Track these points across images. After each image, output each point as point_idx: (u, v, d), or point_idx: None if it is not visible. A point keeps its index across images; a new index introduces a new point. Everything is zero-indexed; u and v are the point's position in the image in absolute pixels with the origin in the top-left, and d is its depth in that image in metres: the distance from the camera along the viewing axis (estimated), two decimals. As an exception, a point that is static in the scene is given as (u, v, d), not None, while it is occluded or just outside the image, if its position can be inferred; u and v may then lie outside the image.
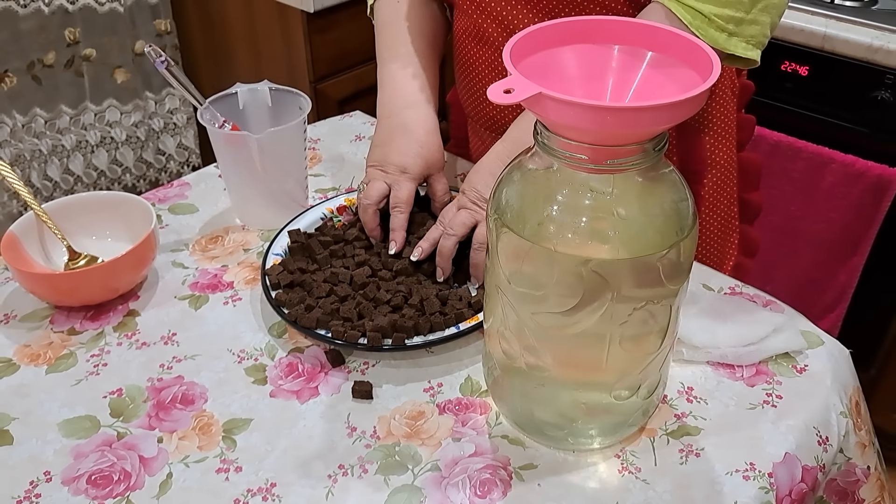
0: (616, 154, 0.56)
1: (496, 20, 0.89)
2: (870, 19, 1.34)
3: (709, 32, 0.76)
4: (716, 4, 0.75)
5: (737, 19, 0.76)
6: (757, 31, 0.77)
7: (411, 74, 0.93)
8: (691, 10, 0.75)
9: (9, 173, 0.87)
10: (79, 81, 1.72)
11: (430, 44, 0.97)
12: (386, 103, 0.93)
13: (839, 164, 1.33)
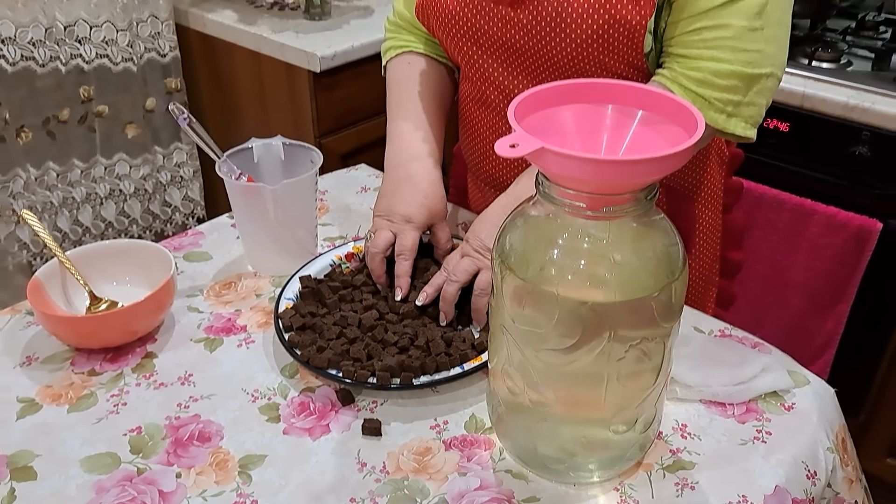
0: (611, 202, 0.62)
1: (498, 88, 0.95)
2: (845, 80, 1.42)
3: (709, 114, 0.83)
4: (715, 89, 0.82)
5: (735, 102, 0.83)
6: (754, 111, 0.85)
7: (418, 131, 0.99)
8: (692, 94, 0.82)
9: (35, 223, 0.92)
10: (91, 136, 1.78)
11: (438, 102, 1.03)
12: (393, 156, 0.99)
13: (822, 216, 1.39)
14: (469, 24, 0.92)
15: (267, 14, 1.81)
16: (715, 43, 0.81)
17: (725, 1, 0.80)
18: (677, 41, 0.84)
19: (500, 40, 0.90)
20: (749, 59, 0.81)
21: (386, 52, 1.08)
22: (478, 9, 0.90)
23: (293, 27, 1.73)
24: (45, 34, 1.62)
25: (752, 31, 0.81)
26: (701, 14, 0.81)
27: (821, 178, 1.45)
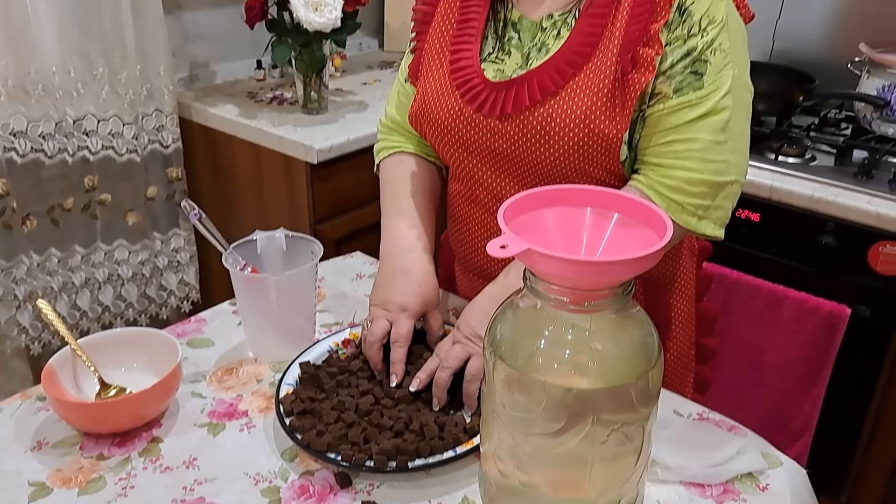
0: (592, 297, 0.68)
1: (487, 189, 1.03)
2: (809, 174, 1.52)
3: (682, 217, 0.92)
4: (687, 195, 0.91)
5: (705, 206, 0.92)
6: (721, 214, 0.94)
7: (411, 226, 1.06)
8: (667, 199, 0.91)
9: (49, 312, 0.97)
10: (93, 223, 1.84)
11: (428, 198, 1.11)
12: (389, 248, 1.06)
13: (794, 301, 1.46)
14: (460, 135, 1.00)
15: (267, 108, 1.91)
16: (685, 154, 0.90)
17: (694, 118, 0.89)
18: (651, 151, 0.93)
19: (489, 149, 0.98)
20: (716, 169, 0.90)
21: (379, 153, 1.16)
22: (468, 121, 0.98)
23: (292, 121, 1.83)
24: (55, 128, 1.71)
25: (717, 144, 0.90)
26: (672, 129, 0.90)
27: (791, 266, 1.53)
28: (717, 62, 0.89)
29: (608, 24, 0.90)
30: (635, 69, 0.88)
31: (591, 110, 0.89)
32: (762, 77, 1.88)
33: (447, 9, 1.03)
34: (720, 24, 0.88)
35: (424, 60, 1.04)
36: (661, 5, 0.88)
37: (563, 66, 0.91)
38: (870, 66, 1.66)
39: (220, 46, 2.11)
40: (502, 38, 0.98)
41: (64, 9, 1.65)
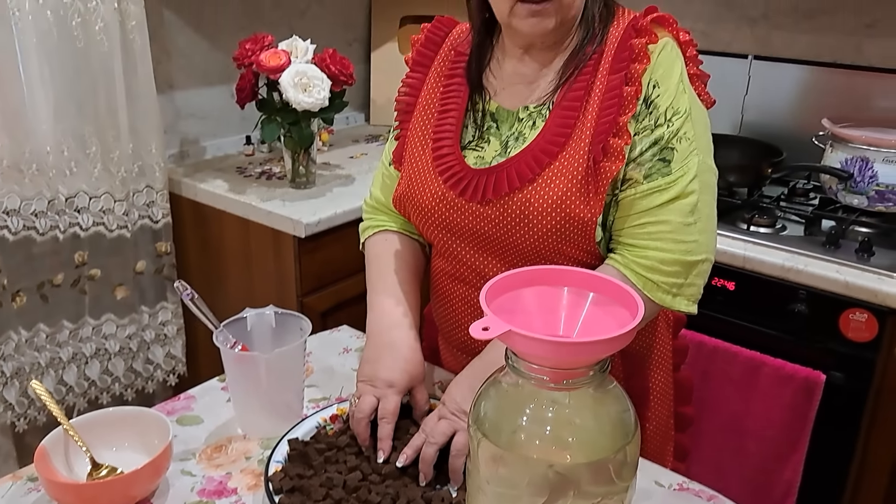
0: (571, 375, 0.72)
1: (470, 268, 1.08)
2: (780, 244, 1.58)
3: (657, 294, 0.97)
4: (661, 274, 0.96)
5: (678, 284, 0.97)
6: (694, 290, 0.99)
7: (397, 303, 1.10)
8: (643, 278, 0.96)
9: (44, 394, 0.99)
10: (81, 298, 1.86)
11: (413, 274, 1.15)
12: (375, 324, 1.09)
13: (771, 368, 1.50)
14: (444, 217, 1.05)
15: (255, 183, 1.96)
16: (658, 235, 0.96)
17: (664, 201, 0.95)
18: (626, 233, 0.98)
19: (471, 230, 1.03)
20: (688, 249, 0.96)
21: (364, 231, 1.21)
22: (451, 204, 1.03)
23: (280, 195, 1.88)
24: (48, 205, 1.74)
25: (687, 225, 0.96)
26: (644, 212, 0.96)
27: (767, 333, 1.58)
28: (683, 149, 0.95)
29: (580, 115, 0.97)
30: (606, 158, 0.94)
31: (566, 195, 0.95)
32: (733, 150, 1.98)
33: (428, 99, 1.10)
34: (684, 115, 0.95)
35: (408, 147, 1.10)
36: (629, 100, 0.94)
37: (539, 155, 0.97)
38: (832, 140, 1.75)
39: (210, 123, 2.17)
40: (481, 127, 1.05)
41: (60, 91, 1.71)
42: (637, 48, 0.95)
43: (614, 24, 0.99)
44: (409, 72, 1.13)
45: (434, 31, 1.13)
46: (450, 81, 1.08)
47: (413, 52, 1.14)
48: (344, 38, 2.46)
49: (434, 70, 1.11)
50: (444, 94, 1.08)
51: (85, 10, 1.68)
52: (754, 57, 2.04)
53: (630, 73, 0.95)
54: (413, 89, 1.12)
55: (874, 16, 1.86)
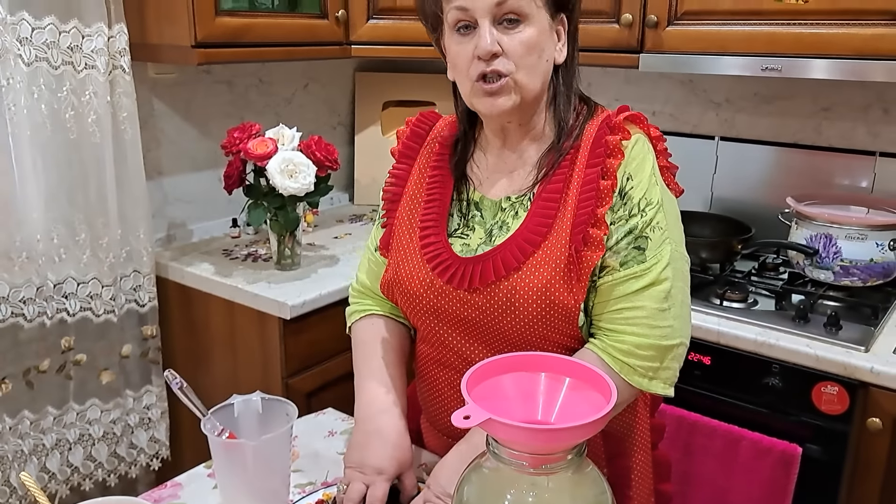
0: (549, 460, 0.75)
1: (456, 353, 1.11)
2: (752, 318, 1.63)
3: (634, 378, 1.01)
4: (638, 359, 1.01)
5: (654, 368, 1.02)
6: (670, 374, 1.04)
7: (383, 386, 1.13)
8: (620, 362, 1.01)
9: (32, 486, 1.00)
10: (66, 383, 1.87)
11: (399, 358, 1.18)
12: (363, 409, 1.12)
13: (749, 442, 1.53)
14: (431, 304, 1.09)
15: (241, 265, 2.00)
16: (634, 321, 1.01)
17: (639, 288, 1.00)
18: (604, 318, 1.03)
19: (458, 317, 1.07)
20: (663, 334, 1.01)
21: (351, 316, 1.24)
22: (438, 291, 1.07)
23: (266, 277, 1.91)
24: (36, 292, 1.77)
25: (661, 311, 1.01)
26: (621, 298, 1.01)
27: (744, 406, 1.61)
28: (656, 238, 1.01)
29: (560, 206, 1.02)
30: (587, 247, 1.00)
31: (550, 283, 1.00)
32: (705, 226, 2.06)
33: (414, 189, 1.15)
34: (657, 206, 1.01)
35: (395, 235, 1.14)
36: (605, 193, 1.00)
37: (523, 244, 1.02)
38: (797, 217, 1.82)
39: (197, 207, 2.22)
40: (466, 216, 1.10)
41: (51, 180, 1.76)
42: (612, 144, 1.01)
43: (592, 120, 1.06)
44: (396, 163, 1.19)
45: (418, 125, 1.19)
46: (434, 172, 1.14)
47: (399, 144, 1.20)
48: (329, 122, 2.55)
49: (419, 161, 1.17)
50: (430, 185, 1.13)
51: (79, 103, 1.75)
52: (720, 138, 2.14)
53: (606, 168, 1.01)
54: (399, 180, 1.17)
55: (830, 100, 1.97)
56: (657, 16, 1.76)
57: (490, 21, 0.98)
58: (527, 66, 1.00)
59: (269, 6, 1.90)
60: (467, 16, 0.99)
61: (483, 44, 0.98)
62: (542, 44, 1.00)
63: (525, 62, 0.99)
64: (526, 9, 0.98)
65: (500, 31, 0.98)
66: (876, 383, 1.46)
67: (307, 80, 2.45)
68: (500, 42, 0.98)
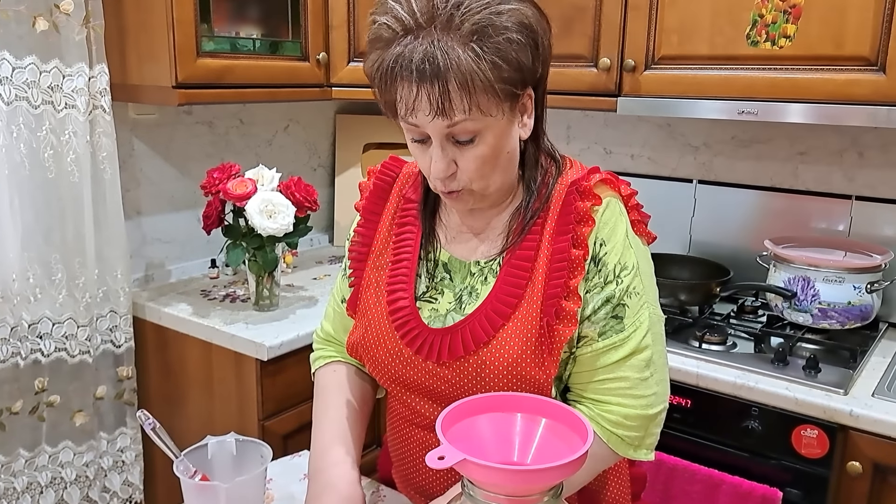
0: (526, 502, 0.74)
1: (423, 416, 1.07)
2: (731, 361, 1.63)
3: (621, 448, 1.01)
4: (625, 429, 1.00)
5: (640, 437, 1.02)
6: (653, 440, 1.04)
7: (338, 437, 1.11)
8: (608, 432, 1.00)
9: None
10: (39, 425, 1.83)
11: (360, 405, 1.16)
12: (316, 461, 1.10)
13: (729, 486, 1.52)
14: (399, 373, 1.06)
15: (219, 306, 1.98)
16: (618, 392, 1.00)
17: (620, 358, 0.99)
18: (588, 388, 1.02)
19: (426, 387, 1.05)
20: (647, 403, 1.00)
21: (315, 362, 1.23)
22: (406, 361, 1.05)
23: (243, 318, 1.90)
24: (10, 332, 1.74)
25: (644, 380, 1.00)
26: (602, 369, 1.00)
27: (723, 450, 1.60)
28: (633, 305, 1.00)
29: (530, 276, 1.00)
30: (559, 321, 0.98)
31: (520, 358, 0.98)
32: (683, 269, 2.07)
33: (381, 248, 1.12)
34: (632, 270, 1.00)
35: (362, 296, 1.11)
36: (577, 263, 0.98)
37: (492, 316, 1.00)
38: (775, 260, 1.84)
39: (175, 247, 2.21)
40: (434, 278, 1.08)
41: (28, 219, 1.74)
42: (581, 211, 0.99)
43: (561, 178, 1.03)
44: (361, 221, 1.15)
45: (381, 178, 1.15)
46: (401, 230, 1.10)
47: (363, 199, 1.16)
48: (309, 163, 2.56)
49: (385, 218, 1.13)
50: (397, 243, 1.10)
51: (58, 142, 1.75)
52: (699, 181, 2.17)
53: (577, 237, 0.98)
54: (365, 238, 1.13)
55: (806, 145, 2.01)
56: (635, 60, 1.79)
57: (442, 140, 0.94)
58: (482, 174, 0.97)
59: (250, 48, 1.92)
60: (419, 133, 0.95)
61: (436, 169, 0.95)
62: (500, 148, 0.96)
63: (480, 173, 0.96)
64: (479, 124, 0.92)
65: (455, 147, 0.95)
66: (855, 426, 1.46)
67: (288, 122, 2.46)
68: (456, 159, 0.95)
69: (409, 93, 0.90)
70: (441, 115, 0.90)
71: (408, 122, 0.94)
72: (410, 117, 0.93)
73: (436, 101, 0.89)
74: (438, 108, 0.89)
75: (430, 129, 0.93)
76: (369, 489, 1.24)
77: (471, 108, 0.90)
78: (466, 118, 0.91)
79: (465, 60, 0.88)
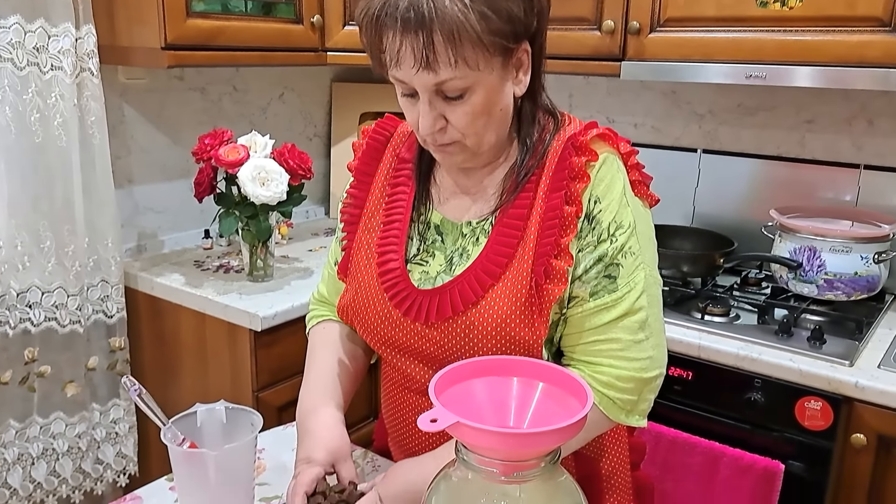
0: (521, 467, 0.71)
1: (415, 380, 1.05)
2: (734, 332, 1.60)
3: (612, 411, 0.97)
4: (618, 391, 0.96)
5: (633, 401, 0.98)
6: (646, 406, 1.00)
7: (320, 388, 1.10)
8: (600, 394, 0.96)
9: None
10: (29, 396, 1.80)
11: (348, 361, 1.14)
12: (300, 412, 1.09)
13: (730, 458, 1.49)
14: (388, 335, 1.04)
15: (213, 277, 1.95)
16: (610, 353, 0.96)
17: (612, 319, 0.95)
18: (579, 350, 0.98)
19: (415, 349, 1.02)
20: (642, 367, 0.96)
21: (309, 321, 1.22)
22: (395, 323, 1.02)
23: (237, 289, 1.86)
24: (-2, 301, 1.71)
25: (638, 342, 0.96)
26: (593, 330, 0.96)
27: (725, 423, 1.58)
28: (628, 265, 0.95)
29: (522, 235, 0.97)
30: (549, 280, 0.94)
31: (509, 318, 0.95)
32: (686, 240, 2.03)
33: (373, 209, 1.09)
34: (628, 229, 0.96)
35: (353, 259, 1.09)
36: (569, 220, 0.95)
37: (482, 276, 0.97)
38: (781, 230, 1.80)
39: (168, 217, 2.17)
40: (426, 240, 1.05)
41: (14, 186, 1.70)
42: (577, 167, 0.95)
43: (558, 135, 0.99)
44: (353, 182, 1.12)
45: (375, 138, 1.12)
46: (394, 190, 1.08)
47: (356, 159, 1.13)
48: (304, 133, 2.51)
49: (378, 179, 1.10)
50: (389, 205, 1.07)
51: (44, 106, 1.70)
52: (703, 150, 2.12)
53: (570, 193, 0.95)
54: (358, 200, 1.10)
55: (814, 112, 1.96)
56: (639, 22, 1.74)
57: (430, 95, 0.90)
58: (475, 131, 0.94)
59: (242, 9, 1.86)
60: (408, 87, 0.92)
61: (423, 125, 0.93)
62: (492, 104, 0.93)
63: (473, 128, 0.93)
64: (468, 81, 0.89)
65: (444, 103, 0.91)
66: (860, 398, 1.43)
67: (283, 90, 2.41)
68: (445, 113, 0.92)
69: (394, 43, 0.87)
70: (426, 69, 0.87)
71: (394, 77, 0.92)
72: (395, 70, 0.90)
73: (420, 53, 0.86)
74: (423, 60, 0.86)
75: (416, 83, 0.90)
76: (364, 459, 1.22)
77: (457, 60, 0.87)
78: (454, 75, 0.88)
79: (451, 10, 0.84)
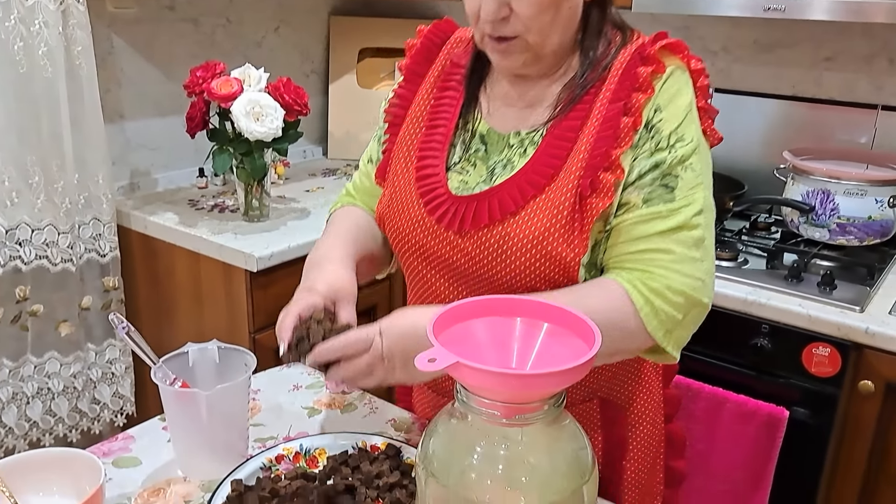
0: (523, 410, 0.67)
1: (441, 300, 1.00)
2: (742, 277, 1.56)
3: (653, 323, 0.88)
4: (665, 301, 0.88)
5: (676, 320, 0.89)
6: (685, 335, 0.92)
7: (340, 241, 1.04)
8: (644, 298, 0.87)
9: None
10: (22, 335, 1.77)
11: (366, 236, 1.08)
12: (309, 258, 1.03)
13: (733, 404, 1.46)
14: (419, 243, 0.99)
15: (207, 216, 1.90)
16: (660, 263, 0.88)
17: (665, 229, 0.88)
18: (626, 259, 0.90)
19: (446, 261, 0.97)
20: (693, 285, 0.88)
21: (332, 207, 1.17)
22: (428, 230, 0.97)
23: (232, 228, 1.82)
24: (-14, 238, 1.67)
25: (693, 259, 0.88)
26: (642, 238, 0.89)
27: (729, 368, 1.55)
28: (688, 179, 0.89)
29: (573, 146, 0.91)
30: (594, 194, 0.88)
31: (548, 232, 0.89)
32: (693, 183, 1.96)
33: (418, 112, 1.04)
34: (692, 144, 0.89)
35: (392, 162, 1.05)
36: (625, 131, 0.88)
37: (525, 186, 0.91)
38: (794, 172, 1.74)
39: (162, 155, 2.11)
40: (469, 149, 0.99)
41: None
42: (641, 77, 0.89)
43: (624, 49, 0.93)
44: (402, 81, 1.07)
45: (430, 38, 1.07)
46: (442, 94, 1.03)
47: (407, 59, 1.08)
48: (301, 69, 2.43)
49: (427, 81, 1.05)
50: (435, 108, 1.03)
51: (28, 34, 1.62)
52: (715, 90, 2.05)
53: (630, 104, 0.89)
54: (404, 100, 1.06)
55: (833, 49, 1.88)
56: (652, -48, 1.66)
57: None
58: (540, 26, 0.88)
59: (236, -67, 1.78)
60: None
61: (487, 9, 0.87)
62: None
63: (537, 23, 0.88)
64: None
65: None
66: (870, 344, 1.40)
67: (278, 23, 2.32)
68: (510, 2, 0.87)
69: None
70: None
71: None
72: None
73: None
74: None
75: None
76: (360, 400, 1.19)
77: None
78: None
79: None
